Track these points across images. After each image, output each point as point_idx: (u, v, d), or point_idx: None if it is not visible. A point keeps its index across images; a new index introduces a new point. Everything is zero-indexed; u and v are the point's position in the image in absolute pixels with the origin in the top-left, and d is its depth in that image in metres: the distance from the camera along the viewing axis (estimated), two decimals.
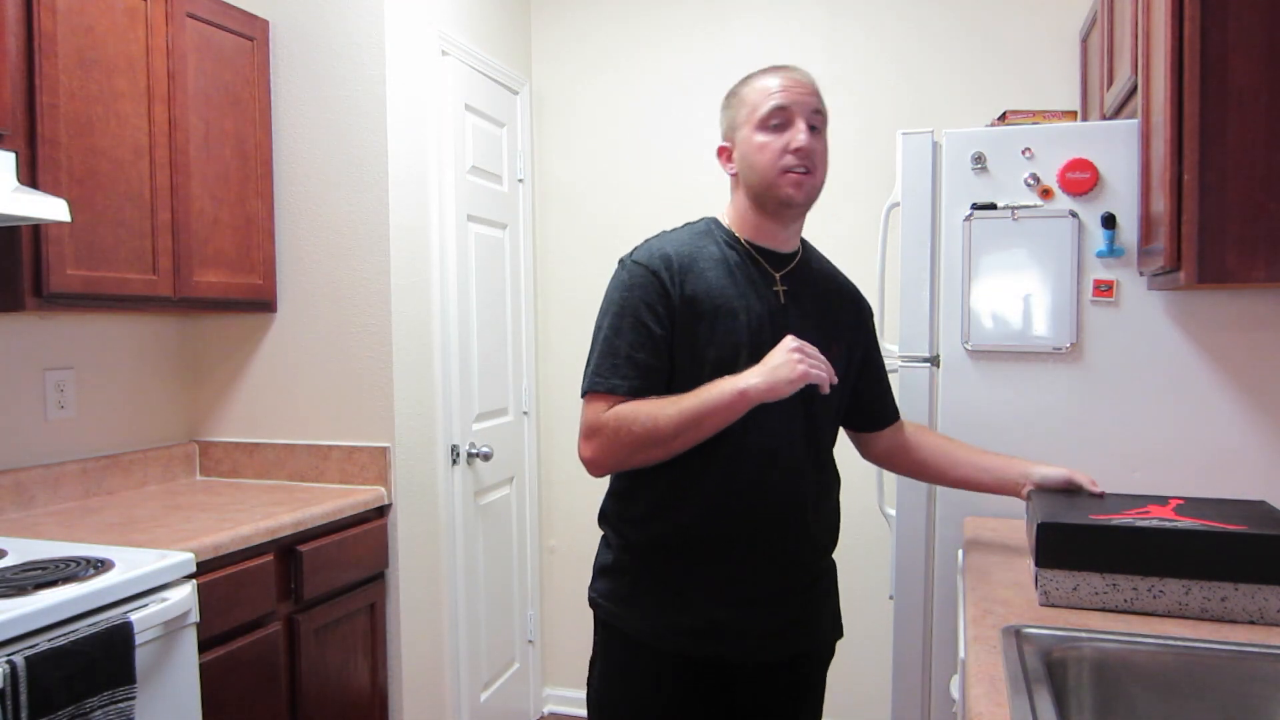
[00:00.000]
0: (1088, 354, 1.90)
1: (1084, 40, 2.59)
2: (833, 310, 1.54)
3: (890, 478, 2.22)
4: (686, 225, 1.53)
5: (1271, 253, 1.49)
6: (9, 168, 1.72)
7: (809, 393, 1.41)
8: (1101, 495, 1.53)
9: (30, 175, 1.83)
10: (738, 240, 1.48)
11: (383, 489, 2.43)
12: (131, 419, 2.47)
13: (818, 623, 1.53)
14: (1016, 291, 1.93)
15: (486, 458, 2.82)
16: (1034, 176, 1.91)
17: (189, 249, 2.20)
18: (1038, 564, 1.32)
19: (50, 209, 1.71)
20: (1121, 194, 1.86)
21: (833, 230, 2.93)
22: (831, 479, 1.54)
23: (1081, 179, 1.87)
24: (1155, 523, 1.30)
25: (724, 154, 1.51)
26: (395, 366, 2.46)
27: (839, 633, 1.60)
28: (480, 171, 2.89)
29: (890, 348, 2.17)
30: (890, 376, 2.16)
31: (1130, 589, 1.28)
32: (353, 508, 2.29)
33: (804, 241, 1.58)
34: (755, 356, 1.38)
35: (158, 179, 2.12)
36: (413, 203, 2.55)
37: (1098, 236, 1.87)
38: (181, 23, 2.18)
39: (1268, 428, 1.81)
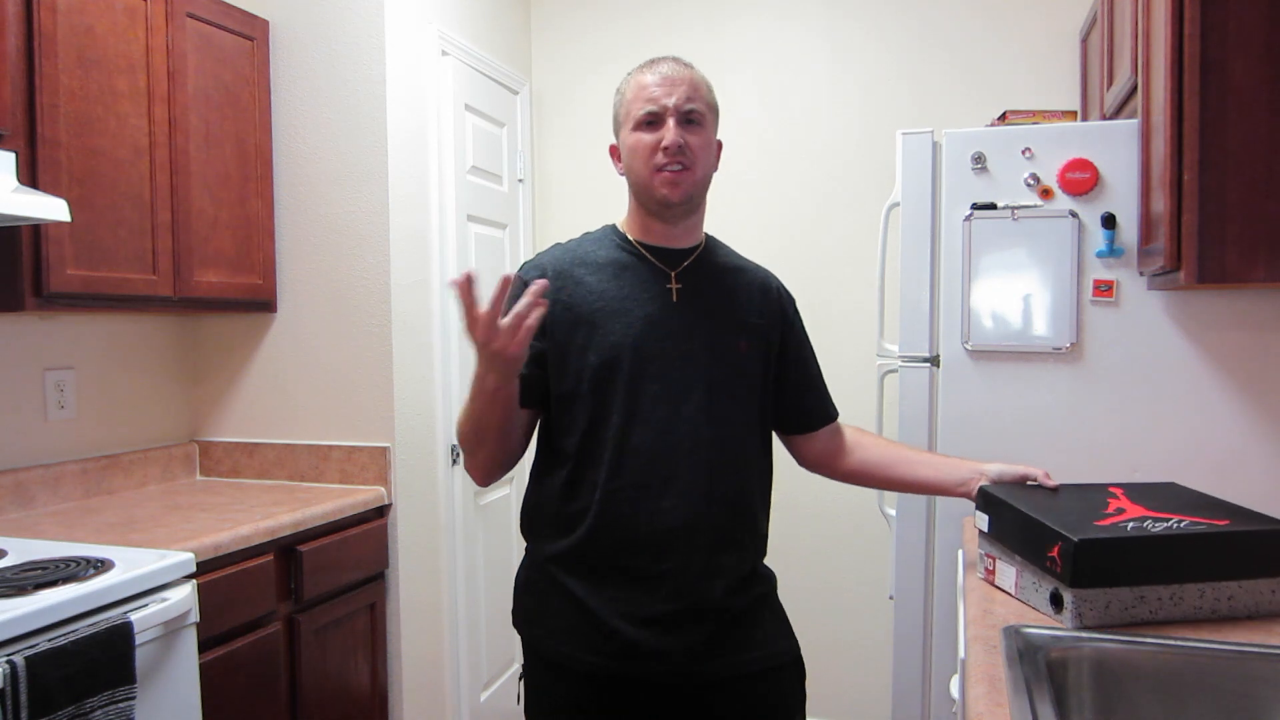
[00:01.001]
0: (1088, 354, 1.90)
1: (1084, 40, 2.59)
2: (740, 304, 1.46)
3: None
4: (585, 234, 1.51)
5: (1271, 253, 1.49)
6: (9, 168, 1.72)
7: (710, 386, 1.37)
8: (1055, 489, 1.48)
9: (30, 175, 1.83)
10: (630, 242, 1.44)
11: (383, 489, 2.43)
12: (131, 419, 2.47)
13: (759, 639, 1.41)
14: (1016, 291, 1.93)
15: None
16: (1034, 176, 1.91)
17: (189, 249, 2.20)
18: (1075, 585, 1.22)
19: (50, 209, 1.71)
20: (1121, 194, 1.86)
21: (833, 230, 2.94)
22: (753, 480, 1.45)
23: (1081, 179, 1.87)
24: (1175, 527, 1.27)
25: (614, 154, 1.47)
26: (395, 366, 2.46)
27: (795, 646, 1.48)
28: (480, 171, 2.89)
29: (890, 348, 2.17)
30: (890, 377, 2.17)
31: (1155, 599, 1.25)
32: (353, 508, 2.29)
33: (709, 236, 1.52)
34: (640, 356, 1.35)
35: (158, 179, 2.12)
36: (413, 203, 2.55)
37: (1098, 236, 1.87)
38: (181, 22, 2.18)
39: (1268, 428, 1.81)
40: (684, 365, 1.37)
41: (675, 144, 1.35)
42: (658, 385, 1.35)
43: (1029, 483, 1.51)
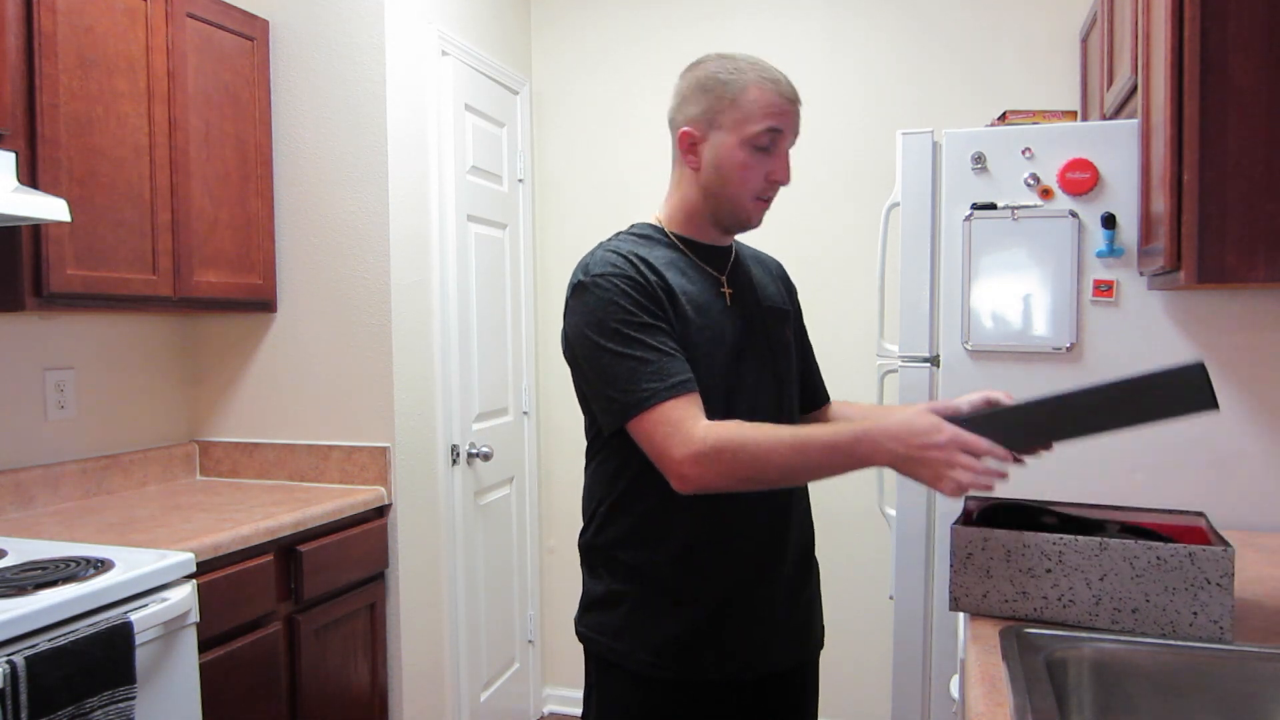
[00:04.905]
0: (1088, 354, 1.90)
1: (1084, 40, 2.59)
2: (773, 295, 1.47)
3: (890, 477, 2.22)
4: (619, 234, 1.42)
5: (1271, 253, 1.49)
6: (9, 168, 1.72)
7: (778, 379, 1.39)
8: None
9: (30, 175, 1.83)
10: (678, 244, 1.38)
11: (383, 489, 2.43)
12: (131, 419, 2.47)
13: (813, 626, 1.49)
14: (1016, 291, 1.93)
15: (486, 458, 2.82)
16: (1034, 176, 1.91)
17: (189, 249, 2.20)
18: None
19: (50, 209, 1.71)
20: (1121, 194, 1.86)
21: (833, 230, 2.94)
22: None
23: (1081, 179, 1.87)
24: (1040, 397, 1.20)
25: (687, 143, 1.34)
26: (395, 366, 2.46)
27: (823, 635, 1.54)
28: (480, 171, 2.89)
29: (890, 348, 2.17)
30: (890, 377, 2.18)
31: (1040, 598, 1.25)
32: (353, 508, 2.29)
33: None
34: (724, 355, 1.33)
35: (158, 179, 2.12)
36: (413, 203, 2.55)
37: (1098, 236, 1.87)
38: (181, 23, 2.18)
39: (1268, 428, 1.82)
40: (755, 362, 1.38)
41: (788, 180, 1.34)
42: (742, 381, 1.35)
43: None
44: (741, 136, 1.31)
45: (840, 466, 1.19)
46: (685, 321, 1.31)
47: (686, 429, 1.21)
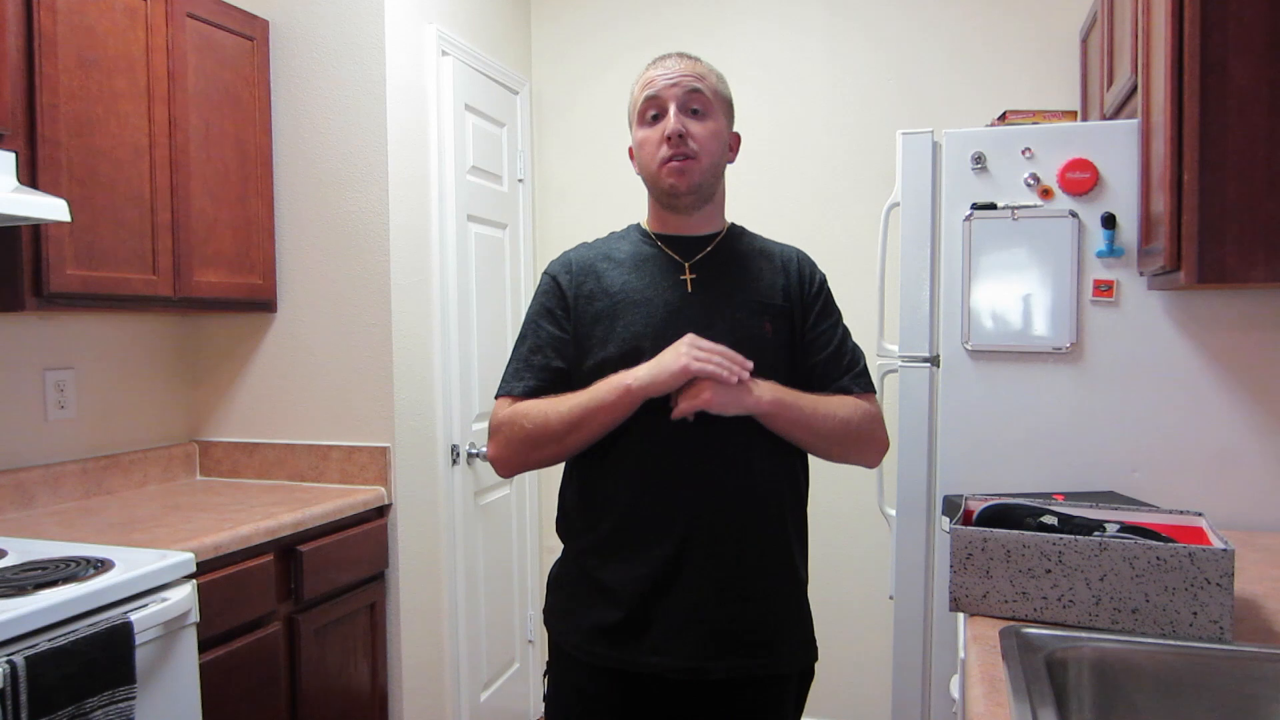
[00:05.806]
0: (1088, 354, 1.90)
1: (1084, 40, 2.59)
2: (763, 287, 1.43)
3: (890, 478, 2.22)
4: (611, 233, 1.56)
5: (1271, 253, 1.49)
6: (9, 168, 1.72)
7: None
8: None
9: (30, 175, 1.83)
10: (650, 236, 1.48)
11: (383, 489, 2.43)
12: (131, 419, 2.47)
13: (776, 643, 1.39)
14: (1016, 291, 1.93)
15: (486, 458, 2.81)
16: (1034, 176, 1.91)
17: (189, 249, 2.20)
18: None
19: (50, 209, 1.71)
20: (1121, 194, 1.86)
21: (833, 230, 2.94)
22: (779, 465, 1.39)
23: (1081, 179, 1.87)
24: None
25: (631, 155, 1.49)
26: (395, 366, 2.46)
27: (813, 656, 1.46)
28: (480, 171, 2.89)
29: (890, 348, 2.17)
30: (890, 376, 2.17)
31: (1040, 598, 1.26)
32: (353, 508, 2.29)
33: (734, 224, 1.52)
34: (660, 346, 1.33)
35: (158, 179, 2.12)
36: (413, 203, 2.55)
37: (1098, 236, 1.87)
38: (181, 23, 2.18)
39: (1268, 428, 1.82)
40: None
41: (676, 131, 1.37)
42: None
43: None
44: (636, 121, 1.45)
45: (608, 405, 1.31)
46: (609, 322, 1.39)
47: (490, 420, 1.44)
